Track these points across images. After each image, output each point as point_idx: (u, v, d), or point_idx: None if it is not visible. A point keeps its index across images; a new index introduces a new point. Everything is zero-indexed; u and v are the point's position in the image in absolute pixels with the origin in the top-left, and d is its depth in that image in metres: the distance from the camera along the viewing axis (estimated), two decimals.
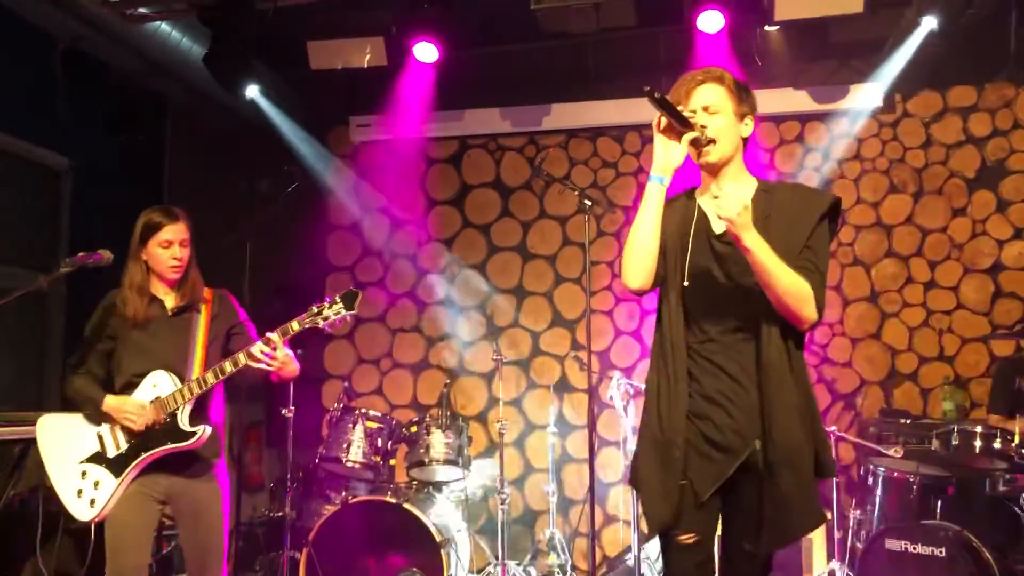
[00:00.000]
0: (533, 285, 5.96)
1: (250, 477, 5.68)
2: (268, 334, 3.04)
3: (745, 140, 2.46)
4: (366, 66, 5.18)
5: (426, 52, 5.25)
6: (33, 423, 3.83)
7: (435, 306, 6.06)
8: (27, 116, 5.52)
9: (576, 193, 4.31)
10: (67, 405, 3.24)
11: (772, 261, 2.25)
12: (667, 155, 2.36)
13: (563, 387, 5.76)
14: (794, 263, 2.29)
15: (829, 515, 4.51)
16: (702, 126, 2.34)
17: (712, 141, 2.36)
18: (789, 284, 2.26)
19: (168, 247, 3.17)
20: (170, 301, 3.24)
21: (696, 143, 2.35)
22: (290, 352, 3.10)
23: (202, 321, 3.24)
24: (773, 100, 5.54)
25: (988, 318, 5.39)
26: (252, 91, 5.46)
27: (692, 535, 2.37)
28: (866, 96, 5.53)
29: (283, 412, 4.73)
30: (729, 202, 2.23)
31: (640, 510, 2.50)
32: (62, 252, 5.89)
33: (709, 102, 2.39)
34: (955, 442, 4.16)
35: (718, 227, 2.41)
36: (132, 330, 3.16)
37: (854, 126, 5.62)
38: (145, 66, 5.36)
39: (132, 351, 3.16)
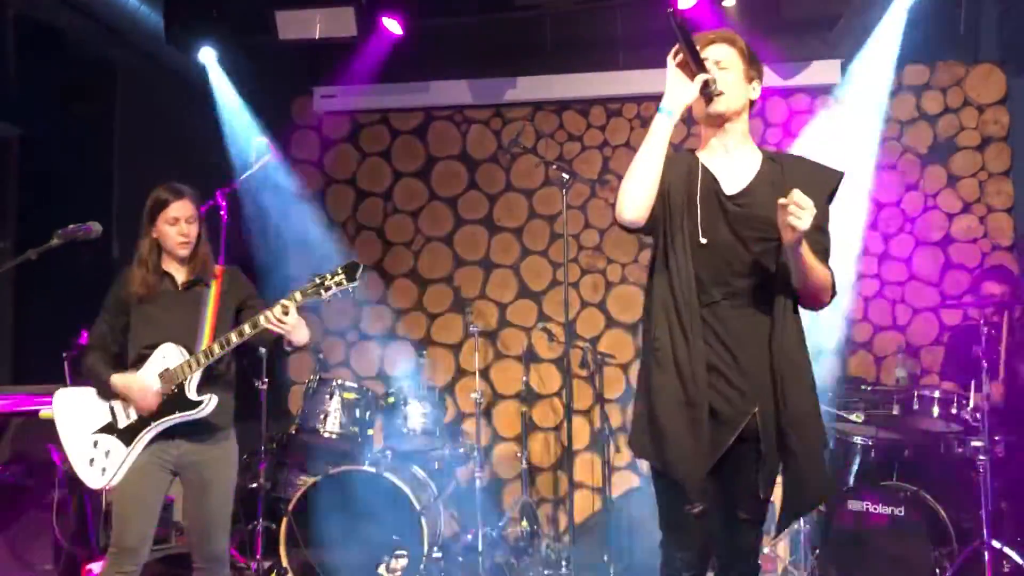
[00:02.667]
0: (500, 257, 6.01)
1: None
2: (282, 300, 3.09)
3: (752, 104, 2.48)
4: (333, 37, 5.12)
5: (394, 23, 5.23)
6: (10, 396, 3.82)
7: (401, 278, 6.06)
8: None
9: (553, 167, 4.36)
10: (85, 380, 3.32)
11: (812, 259, 2.28)
12: (679, 91, 2.33)
13: (530, 357, 5.83)
14: (811, 246, 2.30)
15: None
16: (714, 78, 2.33)
17: (721, 92, 2.34)
18: (821, 278, 2.32)
19: (175, 224, 3.22)
20: (180, 276, 3.30)
21: (706, 89, 2.32)
22: (299, 318, 3.13)
23: (212, 295, 3.28)
24: None
25: (938, 289, 5.62)
26: (208, 57, 5.39)
27: (699, 506, 2.36)
28: (824, 73, 5.67)
29: (256, 384, 4.73)
30: (804, 214, 2.17)
31: (667, 474, 2.40)
32: (11, 222, 5.75)
33: (720, 57, 2.39)
34: (914, 407, 4.35)
35: (729, 187, 2.40)
36: (144, 304, 3.22)
37: (814, 102, 5.77)
38: (97, 33, 5.22)
39: (143, 324, 3.22)
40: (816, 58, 5.70)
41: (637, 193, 2.33)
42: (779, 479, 2.42)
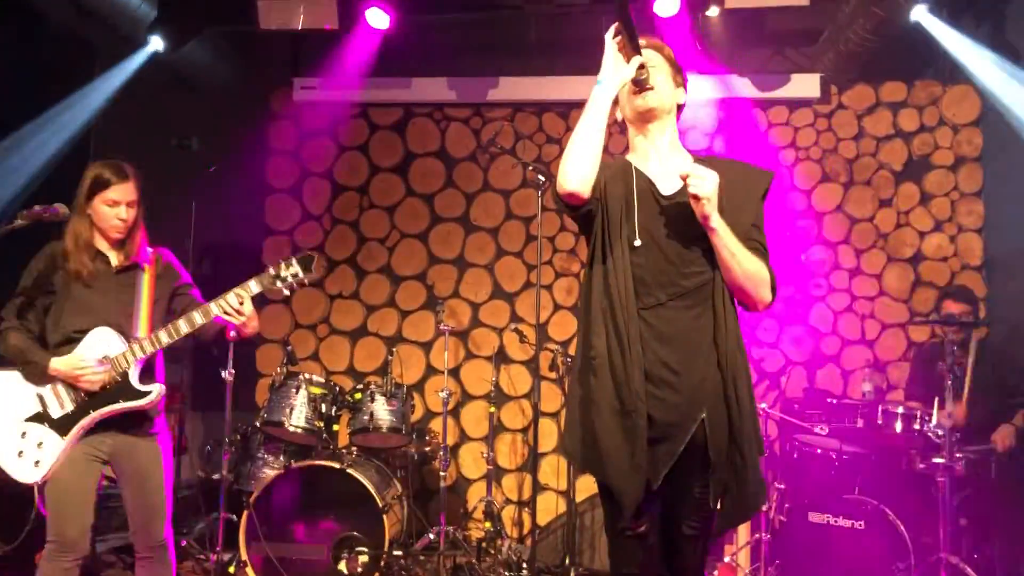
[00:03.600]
0: (475, 257, 5.99)
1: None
2: (237, 289, 3.04)
3: (679, 108, 2.49)
4: (315, 28, 5.10)
5: (378, 17, 5.22)
6: None
7: (374, 274, 6.03)
8: None
9: (530, 168, 4.36)
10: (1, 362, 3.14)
11: (735, 242, 2.27)
12: (616, 67, 2.32)
13: (501, 358, 5.82)
14: (745, 243, 2.30)
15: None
16: (647, 71, 2.34)
17: (652, 87, 2.36)
18: (751, 267, 2.29)
19: (114, 206, 3.11)
20: (115, 258, 3.19)
21: (640, 76, 2.33)
22: (253, 309, 3.09)
23: (147, 280, 3.19)
24: (714, 86, 5.67)
25: (907, 305, 5.67)
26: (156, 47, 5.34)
27: (642, 523, 2.33)
28: (804, 86, 5.71)
29: (223, 375, 4.68)
30: (704, 181, 2.23)
31: (605, 485, 2.38)
32: None
33: (650, 59, 2.38)
34: (878, 421, 4.39)
35: (665, 188, 2.39)
36: (74, 285, 3.09)
37: (792, 115, 5.81)
38: (76, 12, 5.16)
39: (74, 306, 3.09)
40: (796, 71, 5.74)
41: (580, 162, 2.29)
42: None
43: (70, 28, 5.39)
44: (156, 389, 3.07)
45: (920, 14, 4.96)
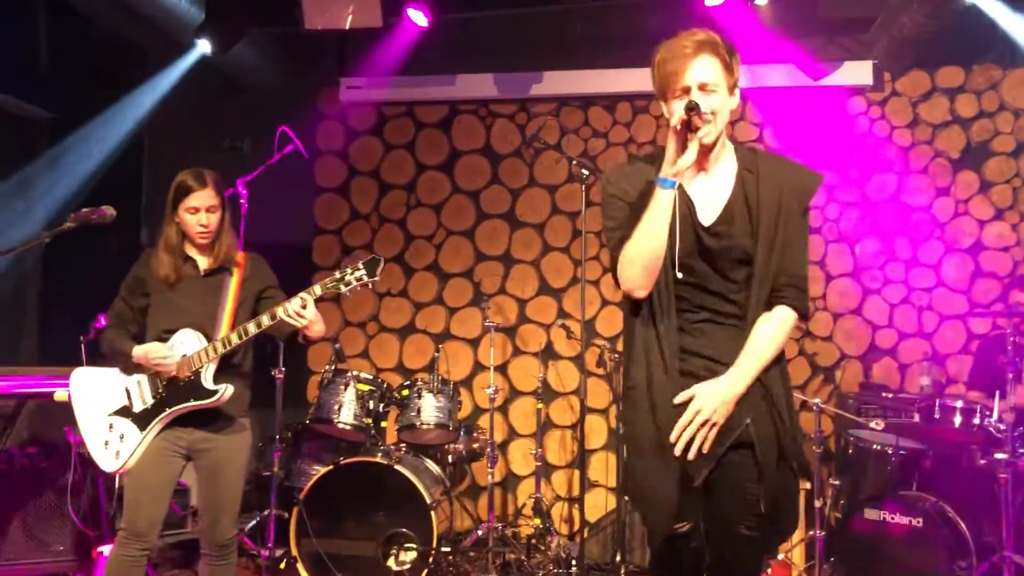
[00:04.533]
0: (521, 253, 5.98)
1: None
2: (300, 294, 3.10)
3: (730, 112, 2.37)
4: (358, 27, 5.12)
5: (419, 15, 5.22)
6: (26, 377, 3.84)
7: (422, 272, 6.05)
8: (7, 68, 5.42)
9: (573, 163, 4.32)
10: (43, 364, 3.29)
11: (766, 357, 2.26)
12: (685, 155, 2.20)
13: (548, 354, 5.80)
14: (778, 280, 2.27)
15: (809, 485, 4.63)
16: (706, 114, 2.21)
17: (710, 120, 2.23)
18: (781, 342, 2.29)
19: (195, 213, 3.20)
20: (203, 262, 3.30)
21: (695, 126, 2.21)
22: (316, 311, 3.14)
23: (233, 283, 3.28)
24: (763, 75, 5.57)
25: (967, 296, 5.50)
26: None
27: (685, 523, 2.29)
28: (856, 73, 5.57)
29: (272, 373, 4.74)
30: (708, 401, 2.21)
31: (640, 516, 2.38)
32: (39, 205, 5.84)
33: (706, 79, 2.24)
34: (936, 416, 4.26)
35: (705, 217, 2.31)
36: (165, 289, 3.22)
37: (845, 103, 5.68)
38: (128, 17, 5.25)
39: (163, 308, 3.23)
40: (849, 59, 5.61)
41: (644, 269, 2.25)
42: None
43: (120, 32, 5.49)
44: (223, 389, 3.12)
45: None
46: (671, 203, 2.23)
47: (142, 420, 3.17)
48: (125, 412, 3.20)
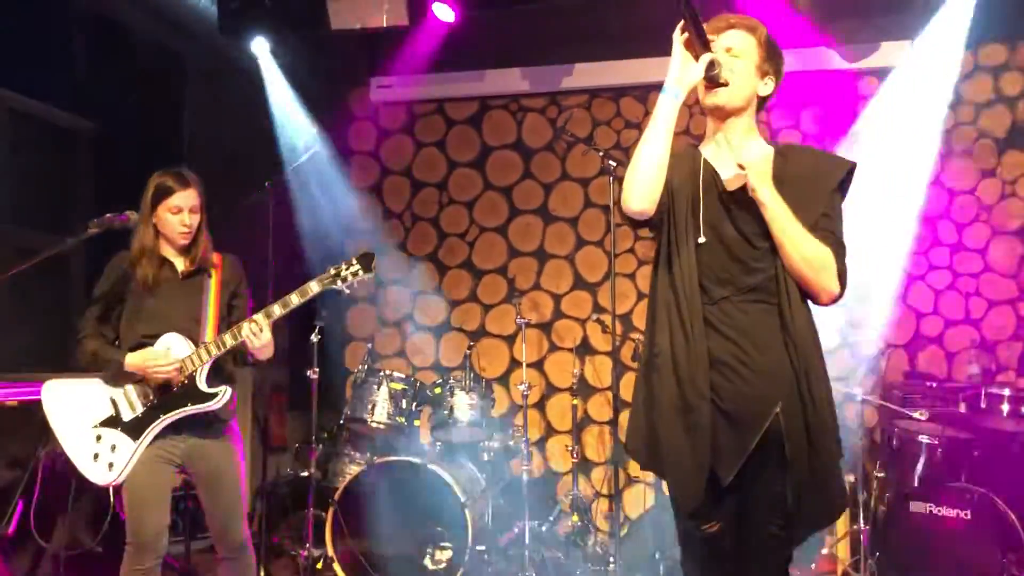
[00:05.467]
0: (555, 248, 5.93)
1: (273, 438, 5.72)
2: (255, 316, 3.08)
3: (762, 100, 2.33)
4: (385, 25, 5.12)
5: (444, 11, 5.20)
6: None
7: (456, 269, 6.04)
8: (47, 79, 5.51)
9: (600, 155, 4.27)
10: (80, 369, 3.23)
11: (790, 221, 2.16)
12: (684, 70, 2.18)
13: (585, 350, 5.75)
14: (812, 230, 2.18)
15: (853, 478, 4.52)
16: (721, 67, 2.20)
17: (725, 83, 2.21)
18: (808, 249, 2.17)
19: (178, 213, 3.15)
20: (180, 264, 3.24)
21: (710, 73, 2.18)
22: (270, 337, 3.11)
23: (213, 285, 3.24)
24: (800, 59, 5.45)
25: (1016, 281, 5.32)
26: (261, 48, 5.44)
27: (715, 523, 2.26)
28: (894, 55, 5.42)
29: (307, 374, 4.76)
30: (751, 153, 2.19)
31: (666, 489, 2.31)
32: (82, 214, 5.92)
33: (734, 44, 2.25)
34: (982, 405, 4.13)
35: (730, 183, 2.28)
36: (143, 292, 3.16)
37: (881, 85, 5.52)
38: (164, 27, 5.32)
39: (142, 314, 3.16)
40: (885, 39, 5.45)
41: (644, 180, 2.21)
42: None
43: (158, 40, 5.56)
44: (223, 391, 3.10)
45: None
46: (671, 112, 2.20)
47: (134, 429, 3.08)
48: (113, 422, 3.10)
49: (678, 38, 2.20)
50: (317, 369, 4.76)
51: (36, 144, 5.63)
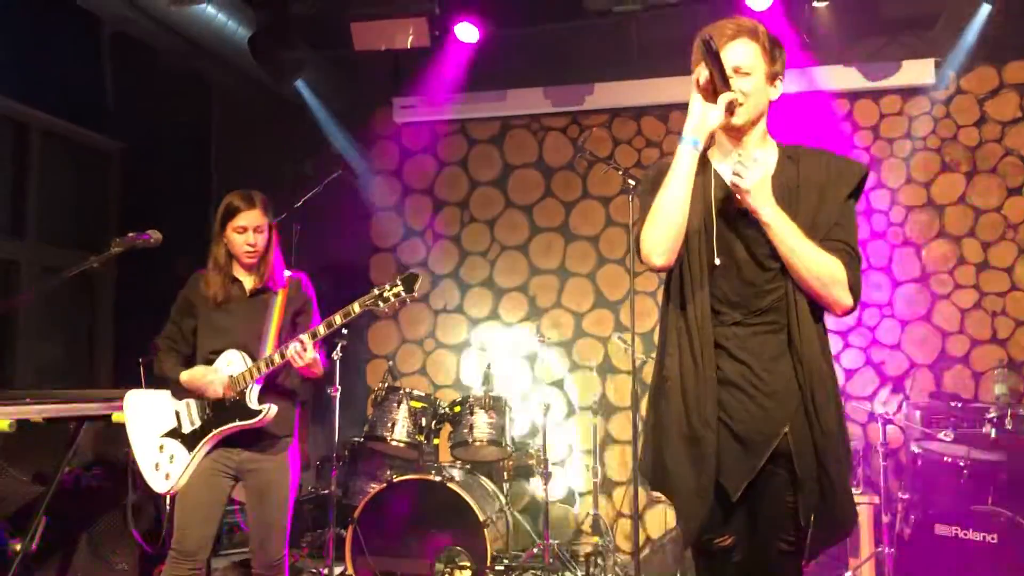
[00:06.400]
0: (576, 266, 5.94)
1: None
2: (301, 335, 3.12)
3: (770, 103, 2.28)
4: (409, 47, 5.17)
5: (467, 32, 5.25)
6: (86, 400, 3.93)
7: (477, 287, 6.06)
8: (77, 99, 5.63)
9: (620, 173, 4.28)
10: (158, 382, 3.37)
11: (795, 238, 2.12)
12: (704, 116, 2.14)
13: (606, 368, 5.74)
14: (823, 241, 2.15)
15: (877, 500, 4.47)
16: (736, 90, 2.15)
17: (741, 103, 2.17)
18: (816, 264, 2.13)
19: (243, 233, 3.23)
20: (249, 283, 3.32)
21: (729, 106, 2.15)
22: (317, 355, 3.16)
23: (278, 303, 3.30)
24: (821, 77, 5.44)
25: None
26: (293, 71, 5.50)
27: (728, 537, 2.24)
28: (918, 72, 5.39)
29: (328, 391, 4.79)
30: (747, 171, 2.10)
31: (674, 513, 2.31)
32: (111, 233, 6.02)
33: (742, 62, 2.19)
34: (1009, 426, 4.07)
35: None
36: (212, 309, 3.27)
37: (905, 103, 5.50)
38: (190, 49, 5.41)
39: (210, 329, 3.27)
40: (909, 57, 5.42)
41: (666, 235, 2.18)
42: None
43: (185, 62, 5.65)
44: (266, 409, 3.14)
45: None
46: (692, 163, 2.16)
47: (190, 441, 3.20)
48: (175, 434, 3.24)
49: (696, 84, 2.17)
50: (339, 387, 4.78)
51: (65, 164, 5.74)
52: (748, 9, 4.71)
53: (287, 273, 3.40)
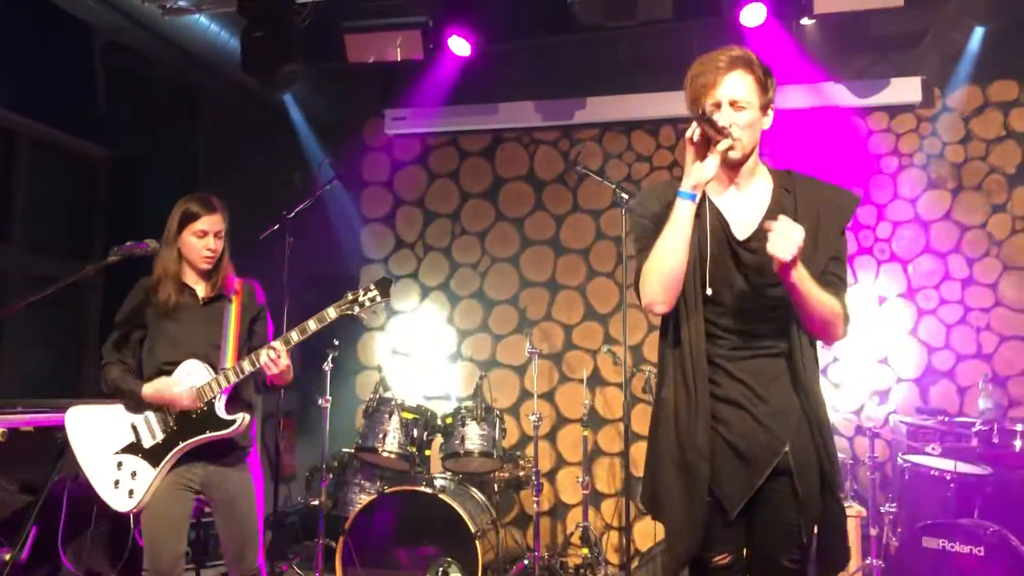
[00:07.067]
0: (566, 279, 5.96)
1: (283, 466, 5.73)
2: (273, 343, 3.09)
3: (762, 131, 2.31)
4: (401, 59, 5.19)
5: (460, 45, 5.27)
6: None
7: (467, 299, 6.07)
8: (67, 108, 5.60)
9: (614, 187, 4.31)
10: (103, 395, 3.25)
11: (815, 291, 2.14)
12: (701, 170, 2.16)
13: (596, 381, 5.76)
14: (821, 275, 2.19)
15: (864, 512, 4.50)
16: (731, 131, 2.16)
17: (738, 139, 2.19)
18: (828, 311, 2.17)
19: (203, 237, 3.18)
20: (202, 290, 3.25)
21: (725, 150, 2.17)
22: (288, 363, 3.11)
23: (233, 311, 3.24)
24: (810, 95, 5.50)
25: None
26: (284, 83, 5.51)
27: (726, 555, 2.26)
28: (905, 91, 5.47)
29: (319, 402, 4.79)
30: (786, 242, 2.07)
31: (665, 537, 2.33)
32: (98, 241, 5.99)
33: (737, 96, 2.21)
34: (995, 440, 4.12)
35: (740, 231, 2.27)
36: (163, 318, 3.17)
37: (892, 121, 5.57)
38: (182, 59, 5.41)
39: (164, 340, 3.17)
40: (897, 75, 5.50)
41: (666, 285, 2.20)
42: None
43: (175, 72, 5.64)
44: (240, 418, 3.10)
45: None
46: (691, 216, 2.18)
47: (154, 456, 3.10)
48: (134, 449, 3.12)
49: (688, 141, 2.17)
50: (329, 398, 4.78)
51: (53, 172, 5.71)
52: (739, 25, 4.76)
53: (237, 280, 3.33)
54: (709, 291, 2.23)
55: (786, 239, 2.07)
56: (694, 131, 2.16)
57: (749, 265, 2.24)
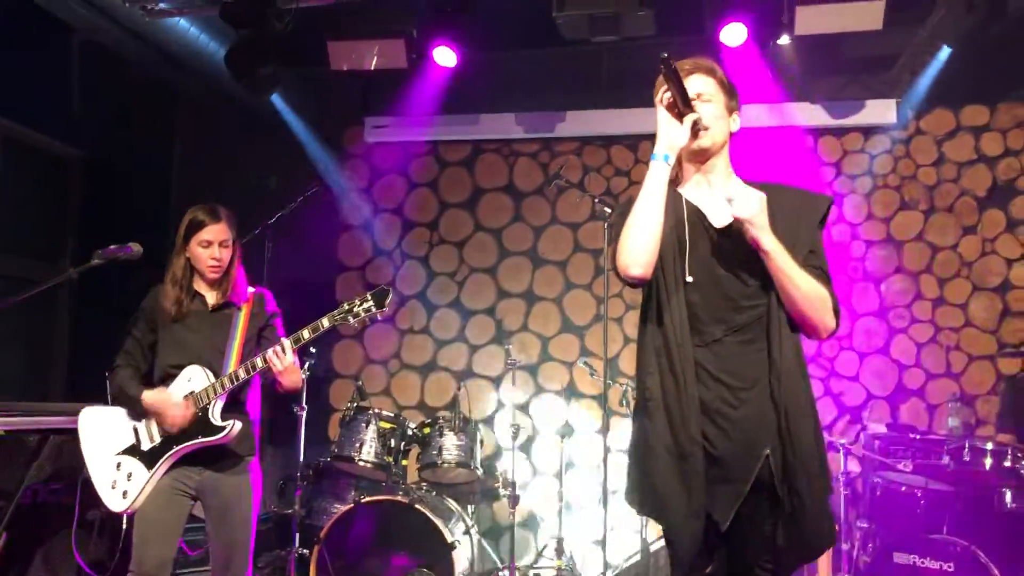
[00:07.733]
0: (543, 290, 5.98)
1: None
2: (282, 339, 3.09)
3: (731, 135, 2.37)
4: (385, 68, 5.19)
5: (445, 56, 5.28)
6: (47, 414, 3.84)
7: (445, 308, 6.07)
8: (41, 107, 5.52)
9: (595, 200, 4.34)
10: (75, 398, 3.27)
11: (791, 265, 2.18)
12: (671, 133, 2.22)
13: (571, 393, 5.78)
14: (801, 267, 2.21)
15: (836, 528, 4.55)
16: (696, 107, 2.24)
17: (706, 128, 2.25)
18: (809, 289, 2.19)
19: (208, 247, 3.19)
20: (211, 298, 3.27)
21: (694, 127, 2.23)
22: (297, 363, 3.13)
23: (242, 319, 3.25)
24: (786, 114, 5.58)
25: (996, 336, 5.43)
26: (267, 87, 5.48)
27: (709, 565, 2.25)
28: (879, 112, 5.57)
29: (295, 410, 4.75)
30: (747, 202, 2.16)
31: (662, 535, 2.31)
32: (69, 243, 5.91)
33: (702, 90, 2.29)
34: (966, 458, 4.19)
35: (717, 220, 2.29)
36: (172, 324, 3.20)
37: (867, 142, 5.67)
38: (160, 60, 5.36)
39: (170, 344, 3.19)
40: (871, 97, 5.61)
41: (643, 246, 2.21)
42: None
43: (152, 72, 5.59)
44: (231, 425, 3.08)
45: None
46: (664, 178, 2.22)
47: (149, 459, 3.12)
48: (133, 451, 3.15)
49: (659, 103, 2.25)
50: (304, 406, 4.75)
51: (26, 171, 5.62)
52: (721, 44, 4.82)
53: (250, 289, 3.35)
54: (690, 278, 2.25)
55: (748, 201, 2.17)
56: (663, 95, 2.24)
57: (726, 251, 2.27)
